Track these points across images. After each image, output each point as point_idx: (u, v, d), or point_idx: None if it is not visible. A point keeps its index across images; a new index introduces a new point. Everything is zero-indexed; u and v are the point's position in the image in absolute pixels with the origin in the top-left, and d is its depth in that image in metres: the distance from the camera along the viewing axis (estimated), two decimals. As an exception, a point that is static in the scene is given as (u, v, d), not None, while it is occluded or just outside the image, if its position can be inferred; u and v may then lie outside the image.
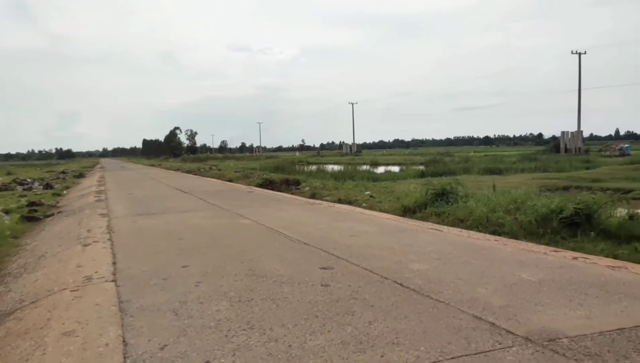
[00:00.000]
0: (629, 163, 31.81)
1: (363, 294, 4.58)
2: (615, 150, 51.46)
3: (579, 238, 7.50)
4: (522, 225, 8.42)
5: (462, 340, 3.42)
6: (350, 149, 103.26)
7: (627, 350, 3.16)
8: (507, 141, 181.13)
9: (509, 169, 28.84)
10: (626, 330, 3.52)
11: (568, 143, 51.12)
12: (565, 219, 8.01)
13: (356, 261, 5.90)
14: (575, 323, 3.68)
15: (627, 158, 39.22)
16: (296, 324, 3.84)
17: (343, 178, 21.94)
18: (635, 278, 4.93)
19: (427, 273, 5.29)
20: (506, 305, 4.15)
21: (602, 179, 21.57)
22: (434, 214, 10.10)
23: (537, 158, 38.27)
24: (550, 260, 5.77)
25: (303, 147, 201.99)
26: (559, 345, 3.27)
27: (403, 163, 43.30)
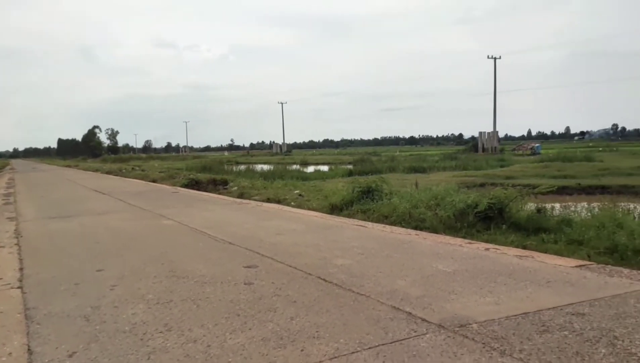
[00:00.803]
0: (538, 161, 34.27)
1: (286, 291, 4.57)
2: (527, 149, 55.24)
3: (492, 231, 7.94)
4: (441, 220, 8.80)
5: (380, 330, 3.51)
6: (281, 149, 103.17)
7: (530, 333, 3.39)
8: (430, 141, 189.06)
9: (432, 168, 30.12)
10: (530, 314, 3.77)
11: (485, 143, 54.25)
12: (480, 213, 8.46)
13: (281, 258, 5.89)
14: (484, 309, 3.90)
15: (537, 157, 42.27)
16: (216, 324, 3.76)
17: (272, 177, 21.84)
18: (540, 266, 5.30)
19: (351, 267, 5.39)
20: (423, 295, 4.31)
21: (515, 176, 23.07)
22: (360, 211, 10.32)
23: (458, 157, 40.29)
24: (465, 252, 6.08)
25: (232, 147, 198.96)
26: (468, 330, 3.45)
27: (332, 163, 43.92)
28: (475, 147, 56.06)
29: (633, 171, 23.24)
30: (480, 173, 25.33)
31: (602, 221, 7.58)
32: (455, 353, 3.08)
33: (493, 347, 3.15)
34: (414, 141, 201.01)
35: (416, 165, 31.25)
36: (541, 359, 2.95)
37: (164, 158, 74.47)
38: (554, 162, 31.36)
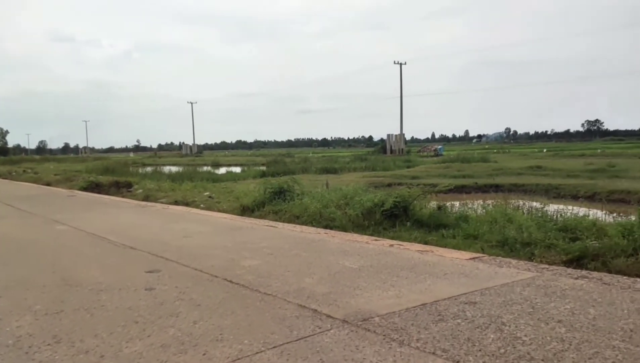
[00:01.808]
0: (441, 162, 36.38)
1: (190, 294, 4.42)
2: (431, 151, 58.47)
3: (398, 228, 8.27)
4: (350, 219, 9.02)
5: (286, 328, 3.50)
6: (191, 150, 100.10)
7: (427, 322, 3.56)
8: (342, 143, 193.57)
9: (343, 169, 30.82)
10: (428, 304, 3.96)
11: (393, 145, 56.60)
12: (386, 211, 8.78)
13: (186, 262, 5.69)
14: (387, 302, 4.03)
15: (440, 158, 44.88)
16: (112, 332, 3.53)
17: (181, 179, 21.10)
18: (439, 260, 5.60)
19: (258, 268, 5.33)
20: (329, 292, 4.37)
21: (420, 176, 24.29)
22: (272, 212, 10.29)
23: (367, 159, 41.60)
24: (371, 248, 6.27)
25: (138, 148, 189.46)
26: (371, 324, 3.54)
27: (245, 164, 43.41)
28: (384, 149, 58.30)
29: (522, 171, 25.41)
30: (388, 174, 26.35)
31: (495, 216, 8.19)
32: (357, 346, 3.15)
33: (393, 338, 3.26)
34: (327, 143, 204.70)
35: (328, 166, 31.81)
36: (436, 347, 3.10)
37: (60, 159, 68.99)
38: (454, 163, 33.42)
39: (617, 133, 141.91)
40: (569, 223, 7.32)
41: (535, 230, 6.97)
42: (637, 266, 5.33)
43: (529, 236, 6.68)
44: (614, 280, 4.58)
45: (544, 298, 4.03)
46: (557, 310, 3.71)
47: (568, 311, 3.67)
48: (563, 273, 4.87)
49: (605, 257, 5.69)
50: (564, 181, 19.85)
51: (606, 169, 23.76)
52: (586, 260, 5.78)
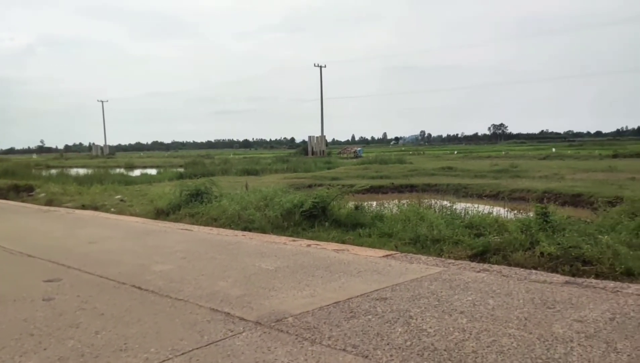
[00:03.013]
0: (360, 163, 37.32)
1: (93, 303, 4.15)
2: (351, 152, 59.73)
3: (316, 228, 8.35)
4: (269, 220, 8.97)
5: (196, 334, 3.39)
6: (102, 151, 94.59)
7: (340, 320, 3.61)
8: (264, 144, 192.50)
9: (265, 170, 30.62)
10: (341, 302, 4.02)
11: (314, 147, 57.20)
12: (305, 212, 8.83)
13: (91, 269, 5.35)
14: (301, 302, 4.04)
15: (359, 159, 46.01)
16: (3, 347, 3.23)
17: (90, 182, 19.87)
18: (354, 258, 5.71)
19: (170, 273, 5.14)
20: (243, 294, 4.30)
21: (340, 177, 24.72)
22: (188, 214, 9.98)
23: (289, 160, 41.63)
24: (289, 249, 6.27)
25: (43, 149, 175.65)
26: (284, 324, 3.53)
27: (162, 166, 41.76)
28: (306, 150, 58.75)
29: (435, 172, 26.70)
30: (309, 175, 26.55)
31: (408, 215, 8.51)
32: (270, 347, 3.12)
33: (305, 337, 3.27)
34: (248, 144, 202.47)
35: (249, 168, 31.45)
36: (347, 343, 3.15)
37: (-49, 161, 62.34)
38: (373, 164, 34.44)
39: (520, 136, 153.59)
40: (475, 220, 7.77)
41: (444, 227, 7.32)
42: (533, 259, 5.76)
43: (438, 233, 7.00)
44: (512, 272, 4.93)
45: (449, 291, 4.24)
46: (460, 302, 3.92)
47: (470, 303, 3.88)
48: (467, 267, 5.16)
49: (505, 251, 6.10)
50: (472, 181, 21.09)
51: (509, 170, 25.56)
52: (489, 254, 6.17)
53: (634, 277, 5.00)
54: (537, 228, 6.66)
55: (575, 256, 5.55)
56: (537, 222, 6.87)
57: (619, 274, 5.08)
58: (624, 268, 5.13)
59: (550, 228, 6.68)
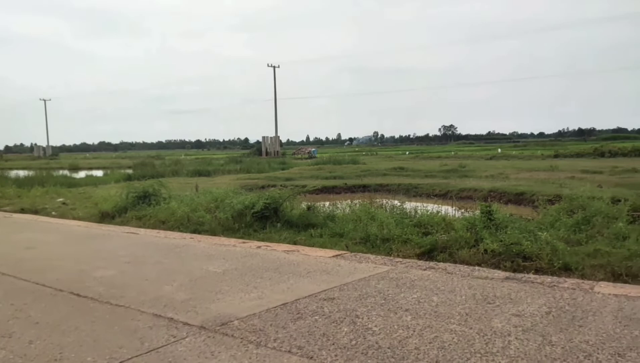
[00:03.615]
0: (314, 163, 37.42)
1: (28, 312, 3.94)
2: (305, 153, 59.80)
3: (268, 229, 8.28)
4: (220, 222, 8.83)
5: (136, 341, 3.27)
6: (44, 152, 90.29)
7: (286, 321, 3.58)
8: (217, 145, 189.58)
9: (217, 171, 30.16)
10: (288, 304, 4.00)
11: (268, 147, 56.88)
12: (257, 213, 8.74)
13: (27, 276, 5.08)
14: (248, 304, 3.99)
15: (313, 160, 46.14)
16: None
17: (31, 184, 18.92)
18: (304, 259, 5.70)
19: (113, 278, 4.95)
20: (189, 298, 4.20)
21: (294, 177, 24.69)
22: (135, 217, 9.69)
23: (243, 161, 41.25)
24: (238, 251, 6.18)
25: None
26: (229, 328, 3.47)
27: (109, 167, 40.37)
28: (260, 151, 58.32)
29: (387, 172, 27.13)
30: (262, 176, 26.35)
31: (359, 215, 8.59)
32: (213, 352, 3.05)
33: (250, 340, 3.22)
34: (201, 145, 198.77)
35: (201, 168, 30.89)
36: (292, 345, 3.13)
37: None
38: (327, 164, 34.58)
39: (469, 137, 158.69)
40: (423, 219, 7.93)
41: (394, 226, 7.43)
42: (478, 255, 5.94)
43: (388, 233, 7.10)
44: (456, 269, 5.06)
45: (395, 289, 4.30)
46: (405, 299, 3.98)
47: (415, 300, 3.95)
48: (414, 266, 5.26)
49: (452, 249, 6.26)
50: (422, 181, 21.56)
51: (458, 170, 26.33)
52: (436, 252, 6.31)
53: (571, 272, 5.24)
54: (482, 226, 6.87)
55: (516, 253, 5.76)
56: (482, 220, 7.09)
57: (557, 269, 5.31)
58: (561, 263, 5.37)
59: (494, 225, 6.91)
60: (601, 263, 5.34)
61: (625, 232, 6.54)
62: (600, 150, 36.77)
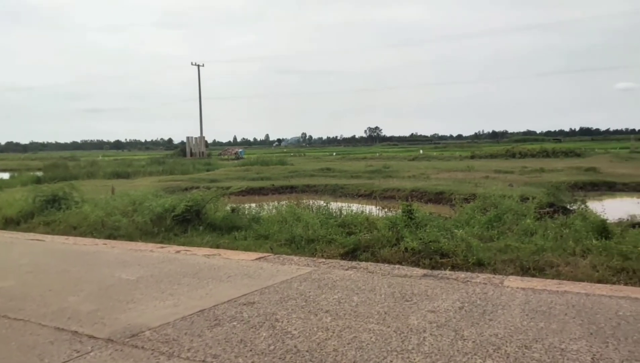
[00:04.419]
0: (241, 164, 36.86)
1: None
2: (232, 154, 58.81)
3: (190, 233, 7.99)
4: (138, 226, 8.40)
5: (35, 358, 2.99)
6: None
7: (202, 329, 3.43)
8: (139, 146, 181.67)
9: (138, 173, 28.86)
10: (206, 310, 3.84)
11: (193, 148, 55.29)
12: (178, 216, 8.42)
13: None
14: (162, 313, 3.78)
15: (241, 161, 45.49)
16: None
17: None
18: (225, 263, 5.53)
19: (11, 290, 4.52)
20: (96, 309, 3.91)
21: (219, 179, 24.16)
22: (43, 223, 9.01)
23: (165, 162, 39.79)
24: (155, 257, 5.89)
25: None
26: (140, 339, 3.26)
27: (16, 169, 37.29)
28: (184, 152, 56.56)
29: (315, 173, 27.30)
30: (186, 177, 25.55)
31: (285, 216, 8.52)
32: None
33: (162, 352, 3.04)
34: (121, 146, 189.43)
35: (120, 170, 29.43)
36: (207, 353, 2.99)
37: None
38: (254, 165, 34.18)
39: (393, 139, 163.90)
40: (347, 219, 8.01)
41: (319, 227, 7.43)
42: (399, 254, 6.07)
43: (313, 233, 7.09)
44: (377, 268, 5.13)
45: (317, 291, 4.27)
46: (326, 301, 3.96)
47: (335, 301, 3.94)
48: (337, 266, 5.27)
49: (374, 248, 6.35)
50: (348, 181, 21.91)
51: (382, 170, 27.04)
52: (359, 252, 6.37)
53: (484, 267, 5.47)
54: (403, 225, 7.05)
55: (434, 250, 5.95)
56: (403, 219, 7.28)
57: (471, 265, 5.54)
58: (475, 259, 5.60)
59: (414, 224, 7.11)
60: (511, 258, 5.62)
61: (533, 228, 6.96)
62: (512, 151, 39.27)
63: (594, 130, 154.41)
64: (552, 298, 3.86)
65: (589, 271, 4.92)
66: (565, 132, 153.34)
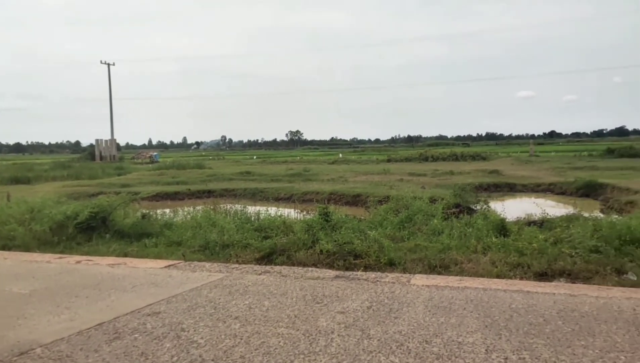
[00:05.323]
0: (156, 168, 35.37)
1: None
2: (146, 157, 56.40)
3: (95, 242, 7.53)
4: (35, 235, 7.79)
5: None
6: None
7: (100, 343, 3.21)
8: (42, 149, 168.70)
9: (40, 178, 26.73)
10: (105, 323, 3.60)
11: (103, 151, 52.17)
12: (81, 224, 7.91)
13: None
14: (56, 328, 3.50)
15: (155, 165, 43.66)
16: None
17: None
18: (131, 272, 5.24)
19: None
20: (-21, 328, 3.54)
21: (132, 184, 23.02)
22: None
23: (72, 166, 37.23)
24: (52, 268, 5.46)
25: None
26: (29, 357, 2.99)
27: None
28: (93, 155, 53.27)
29: (234, 177, 26.87)
30: (94, 182, 24.07)
31: (200, 222, 8.29)
32: (2, 391, 2.59)
33: (52, 371, 2.81)
34: (22, 149, 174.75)
35: (20, 175, 27.06)
36: (103, 370, 2.81)
37: None
38: (169, 169, 32.92)
39: (314, 142, 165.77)
40: (264, 223, 7.95)
41: (235, 232, 7.31)
42: (314, 256, 6.10)
43: (229, 238, 6.96)
44: (291, 272, 5.11)
45: (227, 297, 4.17)
46: (236, 307, 3.88)
47: (246, 307, 3.87)
48: (250, 271, 5.19)
49: (290, 251, 6.34)
50: (268, 185, 21.79)
51: (302, 174, 27.20)
52: (275, 256, 6.34)
53: (395, 267, 5.65)
54: (319, 227, 7.12)
55: (348, 251, 6.06)
56: (319, 222, 7.35)
57: (383, 265, 5.70)
58: (387, 259, 5.77)
59: (330, 226, 7.21)
60: (420, 257, 5.86)
61: (440, 228, 7.32)
62: (425, 155, 41.23)
63: (499, 135, 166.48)
64: (453, 294, 4.06)
65: (489, 267, 5.25)
66: (473, 137, 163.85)
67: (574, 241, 5.83)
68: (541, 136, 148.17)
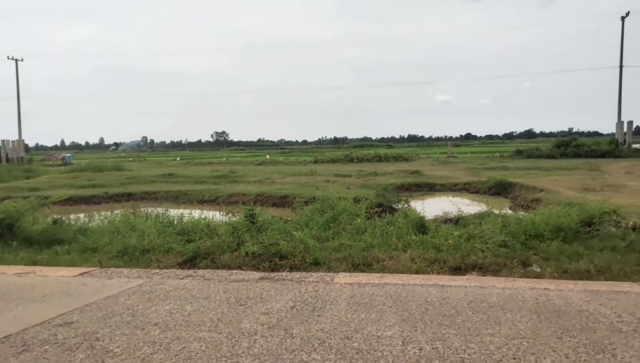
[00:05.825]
0: (70, 171, 33.28)
1: None
2: (58, 159, 52.92)
3: (0, 250, 7.00)
4: None
5: None
6: None
7: (7, 357, 3.00)
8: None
9: None
10: (12, 336, 3.36)
11: (10, 153, 48.21)
12: (-16, 231, 7.31)
13: None
14: (-48, 346, 3.21)
15: (68, 167, 41.04)
16: None
17: None
18: (41, 281, 4.92)
19: None
20: None
21: (42, 187, 21.50)
22: None
23: (-27, 169, 34.13)
24: (-51, 280, 4.99)
25: None
26: None
27: None
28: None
29: (156, 179, 25.90)
30: (0, 186, 22.27)
31: (118, 226, 7.92)
32: None
33: (-53, 392, 2.59)
34: None
35: None
36: (8, 387, 2.63)
37: None
38: (85, 172, 31.08)
39: (240, 144, 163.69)
40: (187, 226, 7.77)
41: (156, 236, 7.08)
42: (239, 259, 6.05)
43: (149, 243, 6.72)
44: (214, 275, 5.04)
45: (147, 303, 4.03)
46: (156, 313, 3.77)
47: (166, 313, 3.77)
48: (172, 275, 5.05)
49: (214, 254, 6.24)
50: (192, 187, 21.23)
51: (228, 175, 26.77)
52: (199, 259, 6.21)
53: (320, 266, 5.74)
54: (245, 229, 7.07)
55: (274, 253, 6.06)
56: (245, 224, 7.30)
57: (308, 264, 5.77)
58: (312, 259, 5.84)
59: (256, 228, 7.18)
60: (344, 256, 6.00)
61: (364, 227, 7.54)
62: (350, 156, 42.08)
63: (419, 137, 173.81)
64: (374, 290, 4.21)
65: (409, 263, 5.49)
66: (396, 139, 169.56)
67: (485, 237, 6.24)
68: (458, 138, 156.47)
